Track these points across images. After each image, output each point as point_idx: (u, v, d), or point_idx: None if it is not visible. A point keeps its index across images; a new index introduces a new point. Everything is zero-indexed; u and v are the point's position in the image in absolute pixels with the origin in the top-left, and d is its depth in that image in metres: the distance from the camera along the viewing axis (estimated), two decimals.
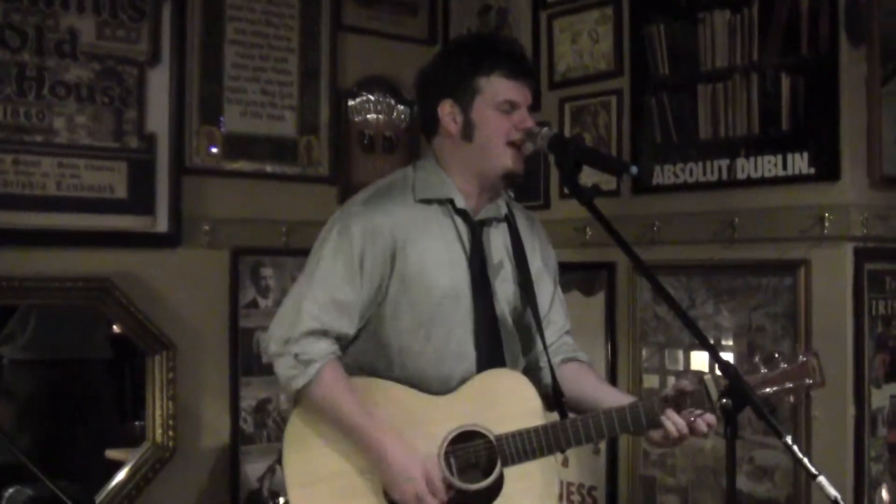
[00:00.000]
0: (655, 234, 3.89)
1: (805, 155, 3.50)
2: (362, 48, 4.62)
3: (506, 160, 2.57)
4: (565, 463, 2.58)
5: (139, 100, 3.87)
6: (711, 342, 2.43)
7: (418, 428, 2.50)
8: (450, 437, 2.49)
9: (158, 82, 3.92)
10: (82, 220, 3.73)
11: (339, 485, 2.51)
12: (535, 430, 2.48)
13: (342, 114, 4.52)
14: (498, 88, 2.57)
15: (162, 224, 3.91)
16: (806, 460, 1.99)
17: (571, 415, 2.58)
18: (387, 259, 2.54)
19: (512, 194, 4.29)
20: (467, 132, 2.59)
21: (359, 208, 2.60)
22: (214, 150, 4.13)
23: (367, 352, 2.61)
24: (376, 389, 2.55)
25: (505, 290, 2.66)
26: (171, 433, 3.94)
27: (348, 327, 2.55)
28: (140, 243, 3.88)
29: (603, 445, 4.10)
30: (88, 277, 3.74)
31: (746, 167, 3.65)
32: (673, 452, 3.86)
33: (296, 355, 2.48)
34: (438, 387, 2.55)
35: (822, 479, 1.95)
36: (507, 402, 2.54)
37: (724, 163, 3.72)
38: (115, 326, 4.12)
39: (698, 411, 2.42)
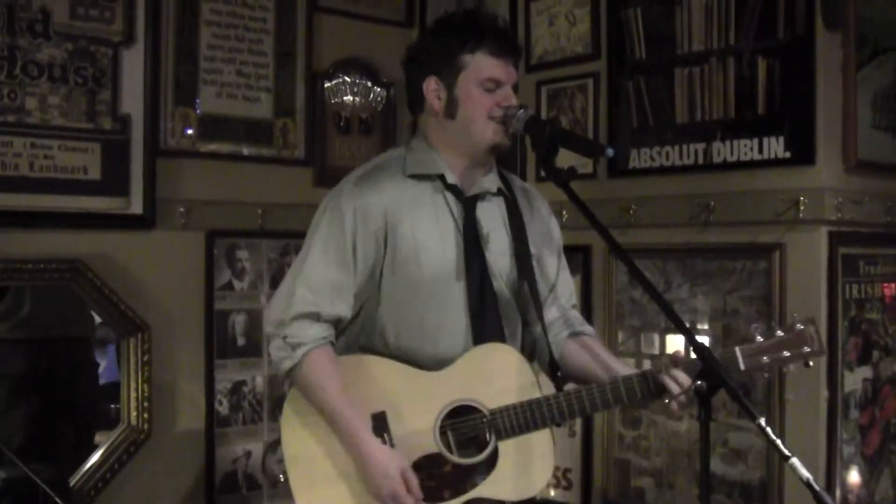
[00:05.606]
0: (631, 218, 3.89)
1: (781, 139, 3.51)
2: (338, 30, 4.59)
3: (488, 134, 2.56)
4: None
5: (113, 80, 3.84)
6: (687, 325, 2.42)
7: (413, 403, 2.50)
8: (445, 412, 2.49)
9: (133, 63, 3.88)
10: (56, 201, 3.69)
11: (336, 466, 2.51)
12: (529, 403, 2.49)
13: (318, 96, 4.50)
14: (482, 65, 2.55)
15: (136, 206, 3.88)
16: (779, 442, 2.00)
17: (567, 387, 2.58)
18: (379, 241, 2.54)
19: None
20: (451, 109, 2.58)
21: (350, 188, 2.59)
22: (189, 131, 4.10)
23: (362, 331, 2.61)
24: (371, 365, 2.55)
25: (502, 265, 2.64)
26: (146, 415, 3.92)
27: (343, 310, 2.55)
28: (114, 225, 3.85)
29: (578, 428, 4.12)
30: (60, 259, 3.71)
31: (722, 151, 3.66)
32: (647, 435, 3.87)
33: (284, 337, 2.50)
34: (433, 364, 2.54)
35: (794, 460, 1.96)
36: (500, 377, 2.53)
37: (701, 146, 3.73)
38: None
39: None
